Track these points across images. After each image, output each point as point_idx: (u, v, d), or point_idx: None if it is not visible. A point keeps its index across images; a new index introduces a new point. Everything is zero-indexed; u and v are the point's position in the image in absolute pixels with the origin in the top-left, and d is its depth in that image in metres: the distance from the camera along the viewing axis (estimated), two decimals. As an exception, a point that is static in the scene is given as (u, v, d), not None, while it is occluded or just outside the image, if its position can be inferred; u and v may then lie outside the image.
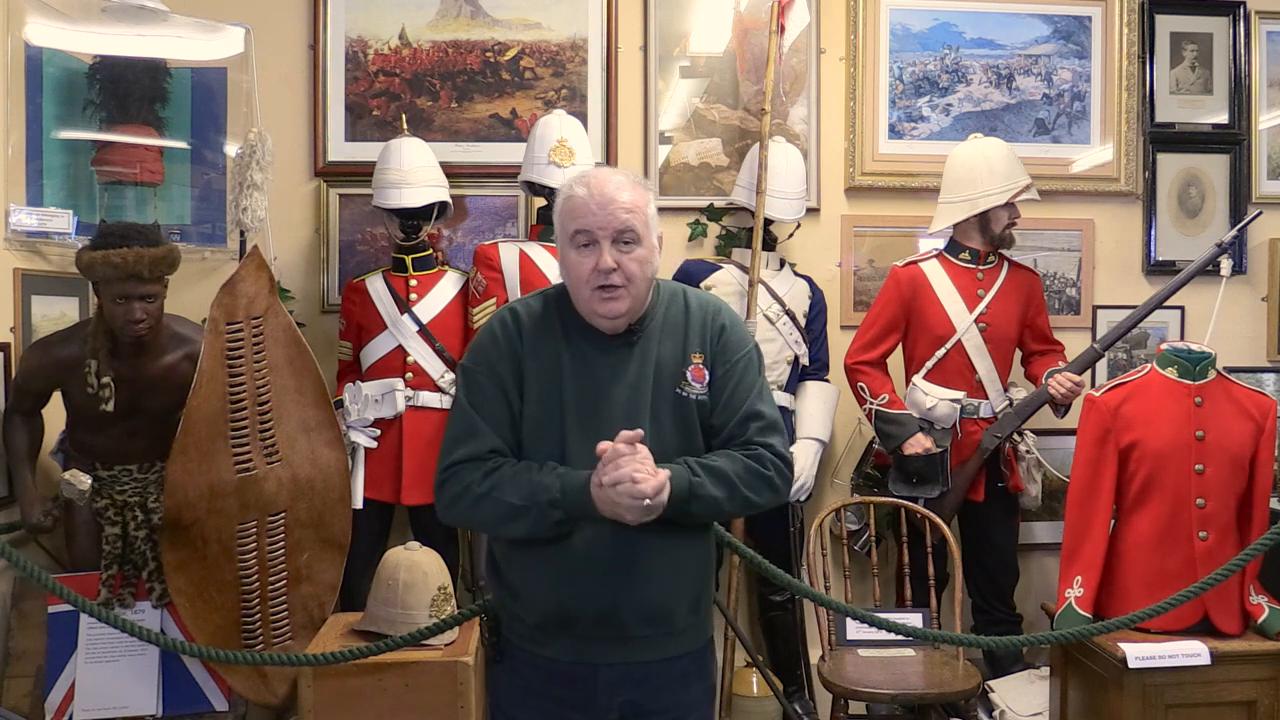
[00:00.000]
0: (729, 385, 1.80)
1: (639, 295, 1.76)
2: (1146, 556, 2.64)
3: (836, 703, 2.84)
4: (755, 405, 1.80)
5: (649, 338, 1.80)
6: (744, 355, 1.83)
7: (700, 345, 1.81)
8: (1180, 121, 3.86)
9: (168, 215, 3.35)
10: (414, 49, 3.59)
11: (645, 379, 1.78)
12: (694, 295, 1.88)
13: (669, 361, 1.79)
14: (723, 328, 1.83)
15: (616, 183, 1.75)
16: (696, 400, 1.79)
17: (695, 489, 1.70)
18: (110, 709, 2.81)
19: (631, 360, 1.79)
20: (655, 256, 1.78)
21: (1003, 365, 3.33)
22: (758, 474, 1.76)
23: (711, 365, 1.81)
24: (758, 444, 1.78)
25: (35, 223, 2.98)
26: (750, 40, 3.68)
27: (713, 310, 1.85)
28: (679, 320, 1.83)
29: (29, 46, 3.05)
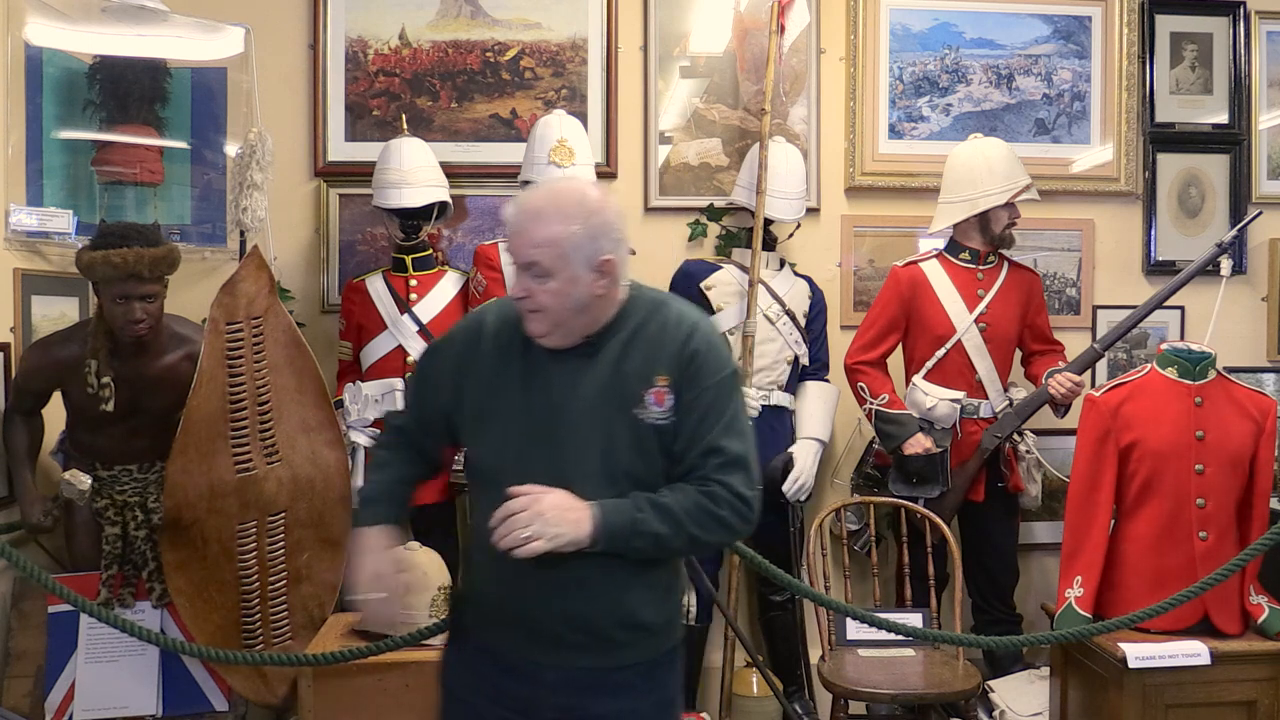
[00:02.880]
0: (695, 413, 1.70)
1: (564, 321, 1.69)
2: (1146, 556, 2.64)
3: (836, 703, 2.84)
4: (719, 440, 1.71)
5: (611, 351, 1.73)
6: (716, 383, 1.72)
7: (668, 367, 1.71)
8: (1180, 121, 3.86)
9: (168, 215, 3.35)
10: (414, 49, 3.59)
11: (602, 394, 1.71)
12: (675, 312, 1.79)
13: (631, 379, 1.71)
14: (696, 352, 1.72)
15: (538, 212, 1.68)
16: (656, 425, 1.70)
17: (638, 525, 1.65)
18: (110, 709, 2.81)
19: (589, 373, 1.72)
20: (575, 286, 1.67)
21: (1003, 365, 3.33)
22: (709, 513, 1.69)
23: (680, 390, 1.70)
24: (715, 481, 1.70)
25: (35, 223, 2.98)
26: (750, 40, 3.68)
27: (688, 331, 1.75)
28: (650, 338, 1.74)
29: (29, 46, 3.05)
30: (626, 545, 1.66)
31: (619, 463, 1.70)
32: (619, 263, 1.72)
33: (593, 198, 1.72)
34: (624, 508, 1.66)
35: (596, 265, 1.68)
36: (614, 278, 1.72)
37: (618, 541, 1.65)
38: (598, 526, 1.63)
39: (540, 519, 1.60)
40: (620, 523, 1.65)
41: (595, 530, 1.63)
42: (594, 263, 1.68)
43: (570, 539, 1.62)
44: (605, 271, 1.69)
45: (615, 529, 1.64)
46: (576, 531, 1.62)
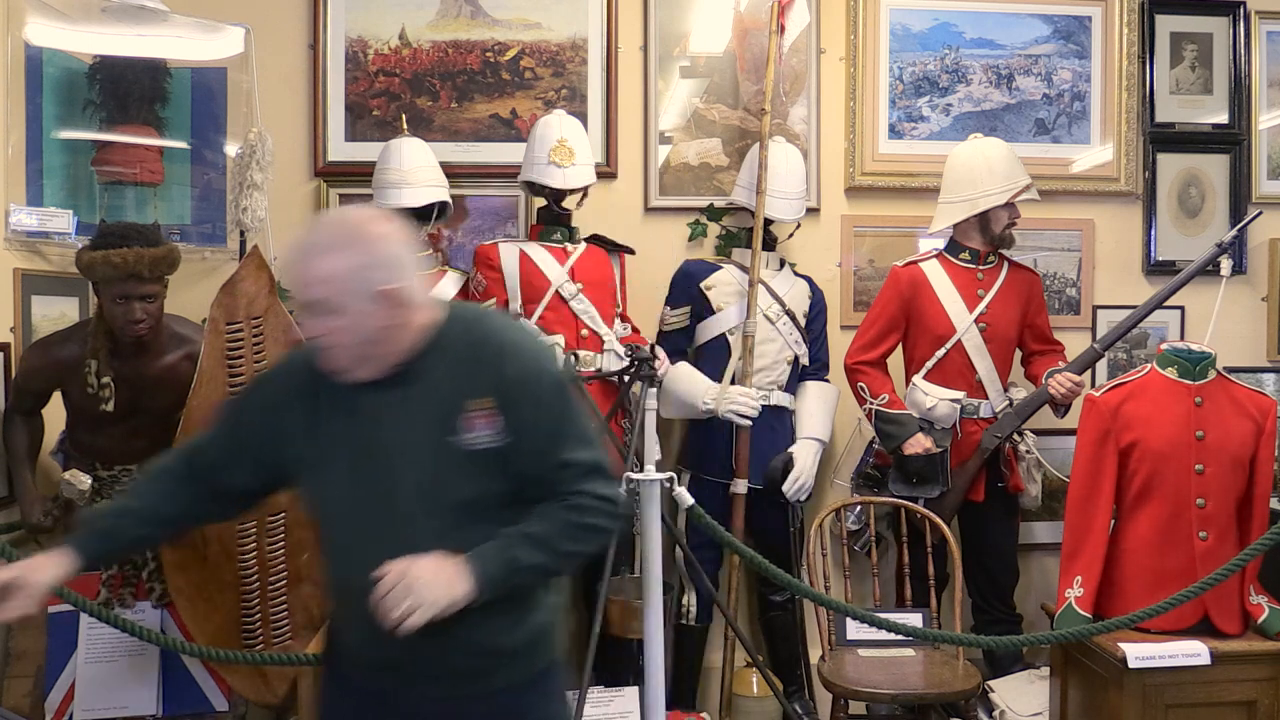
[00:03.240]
0: (534, 433, 1.67)
1: (361, 355, 1.65)
2: (1146, 556, 2.65)
3: (836, 703, 2.84)
4: (567, 454, 1.68)
5: (429, 377, 1.68)
6: (546, 398, 1.69)
7: (485, 390, 1.66)
8: (1180, 121, 3.86)
9: (168, 215, 3.35)
10: (414, 49, 3.59)
11: (421, 422, 1.66)
12: (490, 332, 1.73)
13: (446, 405, 1.66)
14: (514, 373, 1.67)
15: (313, 248, 1.63)
16: (480, 449, 1.65)
17: (515, 564, 1.63)
18: (110, 709, 2.81)
19: (407, 402, 1.67)
20: (366, 320, 1.62)
21: (1003, 365, 3.33)
22: (579, 525, 1.67)
23: (504, 411, 1.66)
24: (575, 491, 1.67)
25: (35, 223, 2.98)
26: (750, 40, 3.68)
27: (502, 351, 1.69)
28: (467, 360, 1.69)
29: (29, 46, 3.05)
30: (510, 585, 1.65)
31: (448, 491, 1.66)
32: (406, 290, 1.65)
33: (368, 228, 1.65)
34: (497, 551, 1.63)
35: (380, 296, 1.62)
36: (404, 306, 1.65)
37: (500, 586, 1.63)
38: (476, 579, 1.60)
39: (414, 591, 1.57)
40: (497, 568, 1.62)
41: (474, 584, 1.60)
42: (379, 295, 1.62)
43: (450, 601, 1.58)
44: (392, 301, 1.63)
45: (493, 576, 1.62)
46: (453, 593, 1.59)
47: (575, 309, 3.18)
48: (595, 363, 3.16)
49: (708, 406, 3.22)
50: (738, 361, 3.27)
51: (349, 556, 1.73)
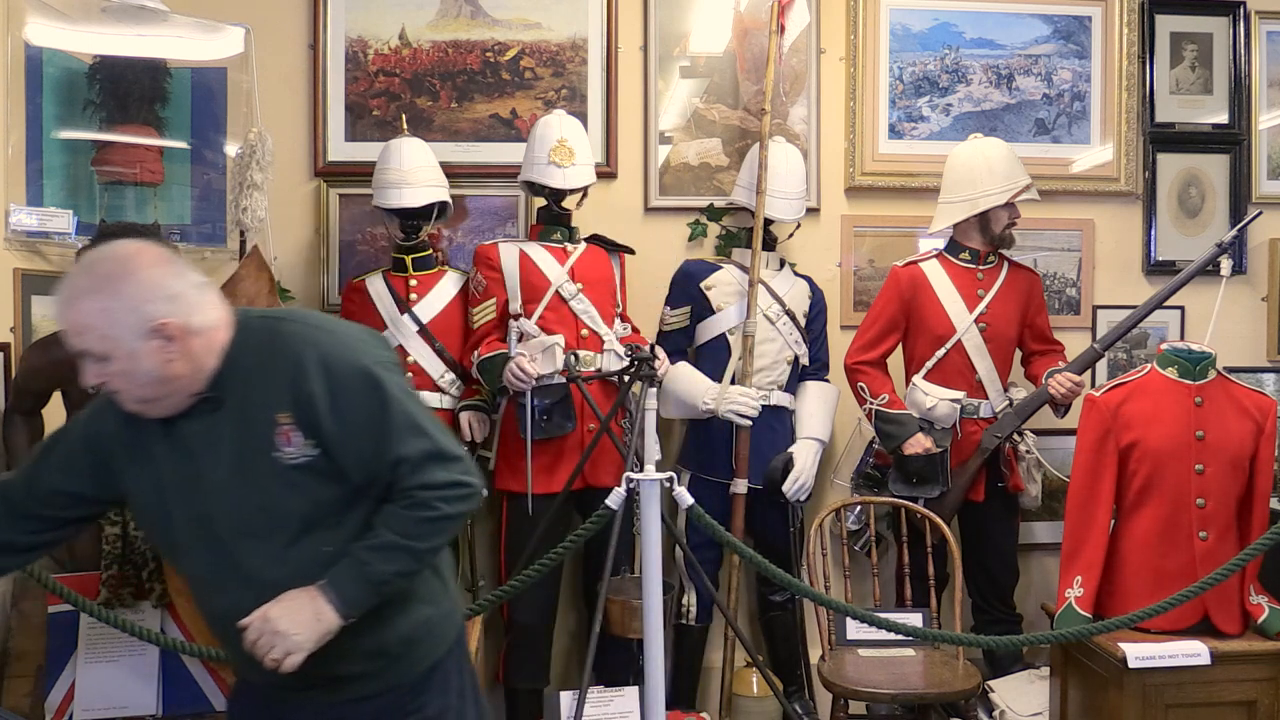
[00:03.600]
0: (356, 438, 1.62)
1: (152, 395, 1.61)
2: (1146, 556, 2.65)
3: (836, 703, 2.84)
4: (394, 451, 1.62)
5: (234, 396, 1.63)
6: (352, 405, 1.62)
7: (286, 404, 1.61)
8: (1180, 121, 3.86)
9: (168, 215, 3.35)
10: (414, 49, 3.59)
11: (232, 447, 1.63)
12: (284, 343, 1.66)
13: (256, 424, 1.62)
14: (312, 393, 1.60)
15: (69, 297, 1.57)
16: (300, 464, 1.61)
17: (373, 578, 1.61)
18: (110, 709, 2.81)
19: (215, 428, 1.64)
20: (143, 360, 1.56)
21: (1003, 365, 3.33)
22: (426, 520, 1.64)
23: (315, 424, 1.61)
24: (413, 487, 1.63)
25: (35, 223, 2.97)
26: (750, 40, 3.68)
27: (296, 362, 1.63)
28: (264, 375, 1.64)
29: (29, 46, 3.05)
30: (377, 599, 1.64)
31: (277, 509, 1.63)
32: (181, 319, 1.59)
33: (126, 266, 1.58)
34: (352, 569, 1.61)
35: (153, 333, 1.56)
36: (182, 337, 1.59)
37: (366, 602, 1.62)
38: (338, 604, 1.60)
39: (278, 636, 1.57)
40: (357, 587, 1.61)
41: (338, 609, 1.60)
42: (148, 332, 1.56)
43: (321, 634, 1.59)
44: (169, 334, 1.57)
45: (355, 595, 1.61)
46: (320, 625, 1.58)
47: (575, 309, 3.18)
48: (595, 363, 3.16)
49: (708, 406, 3.22)
50: (738, 361, 3.27)
51: (200, 588, 1.73)
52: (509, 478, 3.16)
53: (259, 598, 1.62)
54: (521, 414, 3.05)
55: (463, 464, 1.70)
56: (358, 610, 1.62)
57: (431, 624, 1.79)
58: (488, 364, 3.11)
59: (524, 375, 2.98)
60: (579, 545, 2.45)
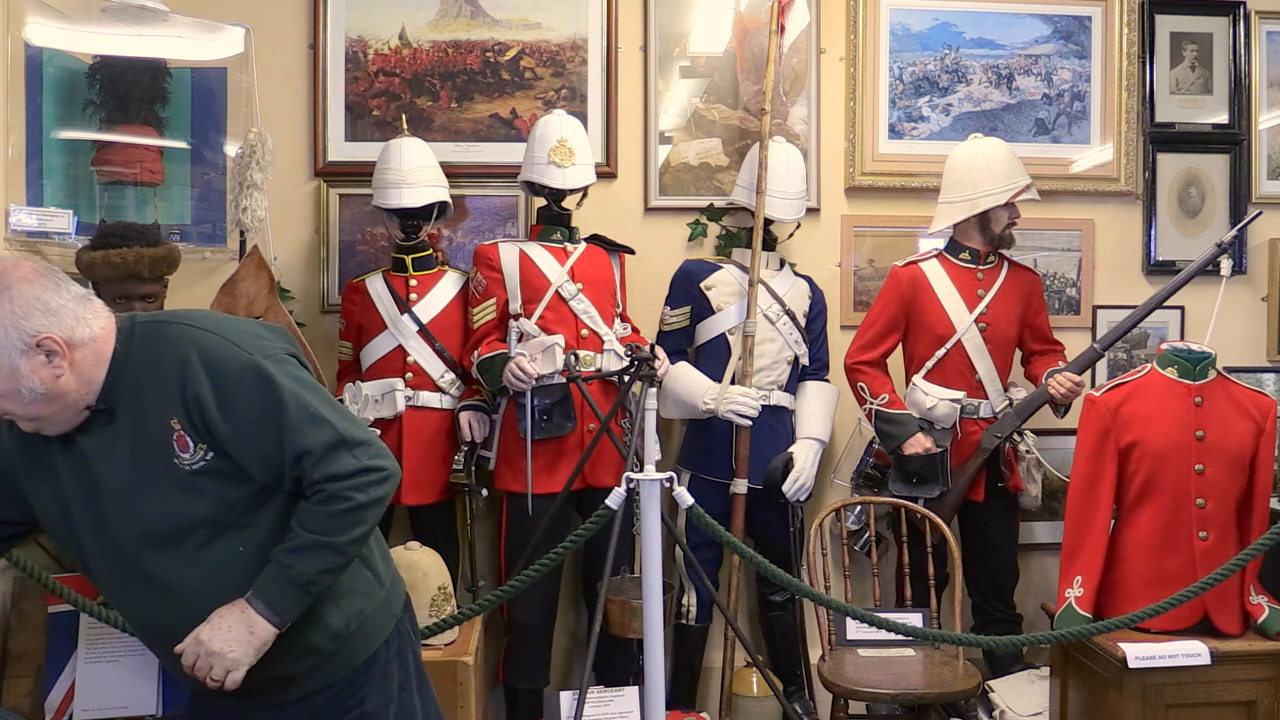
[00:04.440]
0: (253, 437, 1.59)
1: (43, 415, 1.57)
2: (1146, 556, 2.65)
3: (836, 703, 2.84)
4: (295, 445, 1.58)
5: (126, 406, 1.61)
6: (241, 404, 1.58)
7: (178, 409, 1.58)
8: (1180, 121, 3.86)
9: (168, 215, 3.35)
10: (414, 49, 3.59)
11: (134, 456, 1.60)
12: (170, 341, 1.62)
13: (153, 431, 1.59)
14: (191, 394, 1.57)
15: None
16: (202, 468, 1.59)
17: (297, 579, 1.59)
18: (110, 709, 2.80)
19: (115, 439, 1.61)
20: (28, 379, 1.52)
21: (1003, 365, 3.33)
22: (340, 512, 1.60)
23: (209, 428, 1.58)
24: (322, 480, 1.59)
25: (35, 223, 2.97)
26: (750, 40, 3.68)
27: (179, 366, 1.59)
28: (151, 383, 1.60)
29: (29, 46, 3.04)
30: (308, 599, 1.62)
31: (186, 517, 1.61)
32: (64, 333, 1.55)
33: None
34: (276, 576, 1.60)
35: (34, 348, 1.53)
36: (65, 350, 1.55)
37: (297, 607, 1.61)
38: (270, 613, 1.59)
39: (214, 656, 1.56)
40: (284, 593, 1.59)
41: (270, 617, 1.59)
42: (29, 348, 1.52)
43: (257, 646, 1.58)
44: (51, 349, 1.54)
45: (285, 602, 1.60)
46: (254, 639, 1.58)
47: (575, 309, 3.18)
48: (595, 363, 3.16)
49: (708, 406, 3.22)
50: (738, 361, 3.27)
51: (115, 598, 1.71)
52: (509, 478, 3.16)
53: (174, 604, 1.61)
54: (521, 414, 3.05)
55: (371, 447, 1.65)
56: (290, 616, 1.61)
57: (364, 617, 1.76)
58: (488, 364, 3.11)
59: (524, 375, 2.98)
60: (579, 545, 2.45)
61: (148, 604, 1.65)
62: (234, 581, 1.61)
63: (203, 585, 1.61)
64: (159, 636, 1.66)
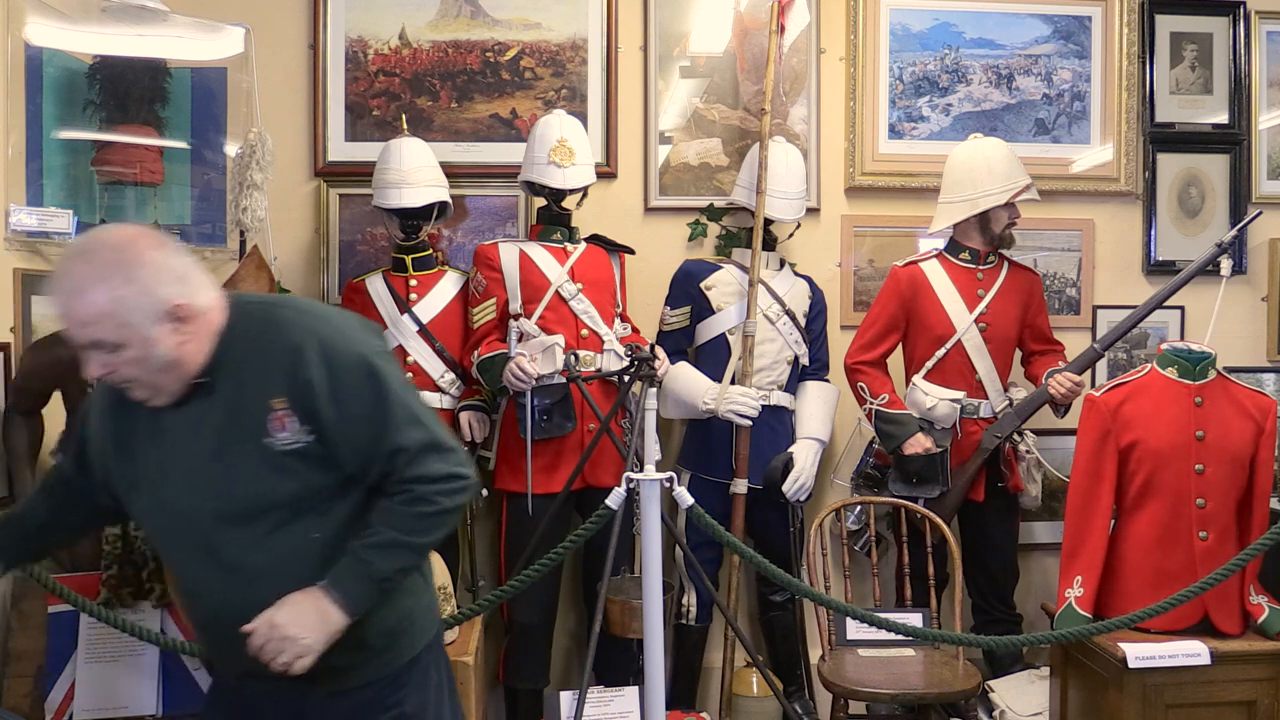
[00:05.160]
0: (353, 426, 1.62)
1: (159, 384, 1.60)
2: (1146, 556, 2.64)
3: (836, 703, 2.84)
4: (391, 440, 1.63)
5: (225, 382, 1.62)
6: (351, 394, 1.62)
7: (283, 389, 1.60)
8: (1180, 121, 3.86)
9: (168, 215, 3.35)
10: (414, 49, 3.59)
11: (224, 431, 1.62)
12: (282, 325, 1.65)
13: (250, 408, 1.61)
14: (310, 380, 1.60)
15: (76, 287, 1.53)
16: (293, 449, 1.60)
17: (375, 575, 1.62)
18: (110, 709, 2.81)
19: (208, 413, 1.62)
20: (157, 347, 1.55)
21: (1003, 365, 3.33)
22: (425, 515, 1.64)
23: (313, 411, 1.60)
24: (411, 479, 1.64)
25: (35, 223, 2.97)
26: (750, 40, 3.68)
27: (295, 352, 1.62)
28: (260, 360, 1.63)
29: (29, 46, 3.04)
30: (380, 594, 1.64)
31: (266, 496, 1.62)
32: (192, 300, 1.59)
33: (135, 247, 1.56)
34: (354, 568, 1.62)
35: (166, 315, 1.56)
36: (194, 317, 1.59)
37: (369, 601, 1.63)
38: (344, 603, 1.60)
39: (287, 641, 1.57)
40: (361, 585, 1.62)
41: (344, 608, 1.60)
42: (161, 315, 1.55)
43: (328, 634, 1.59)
44: (182, 317, 1.57)
45: (360, 593, 1.61)
46: (327, 626, 1.59)
47: (575, 309, 3.18)
48: (595, 363, 3.16)
49: (708, 406, 3.22)
50: (738, 361, 3.27)
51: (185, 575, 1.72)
52: (509, 478, 3.16)
53: (240, 583, 1.62)
54: (521, 414, 3.05)
55: (458, 455, 1.70)
56: (362, 609, 1.62)
57: (413, 617, 1.79)
58: (488, 364, 3.11)
59: (524, 375, 2.98)
60: (579, 545, 2.45)
61: (213, 581, 1.66)
62: (302, 567, 1.63)
63: (271, 567, 1.63)
64: (217, 613, 1.67)
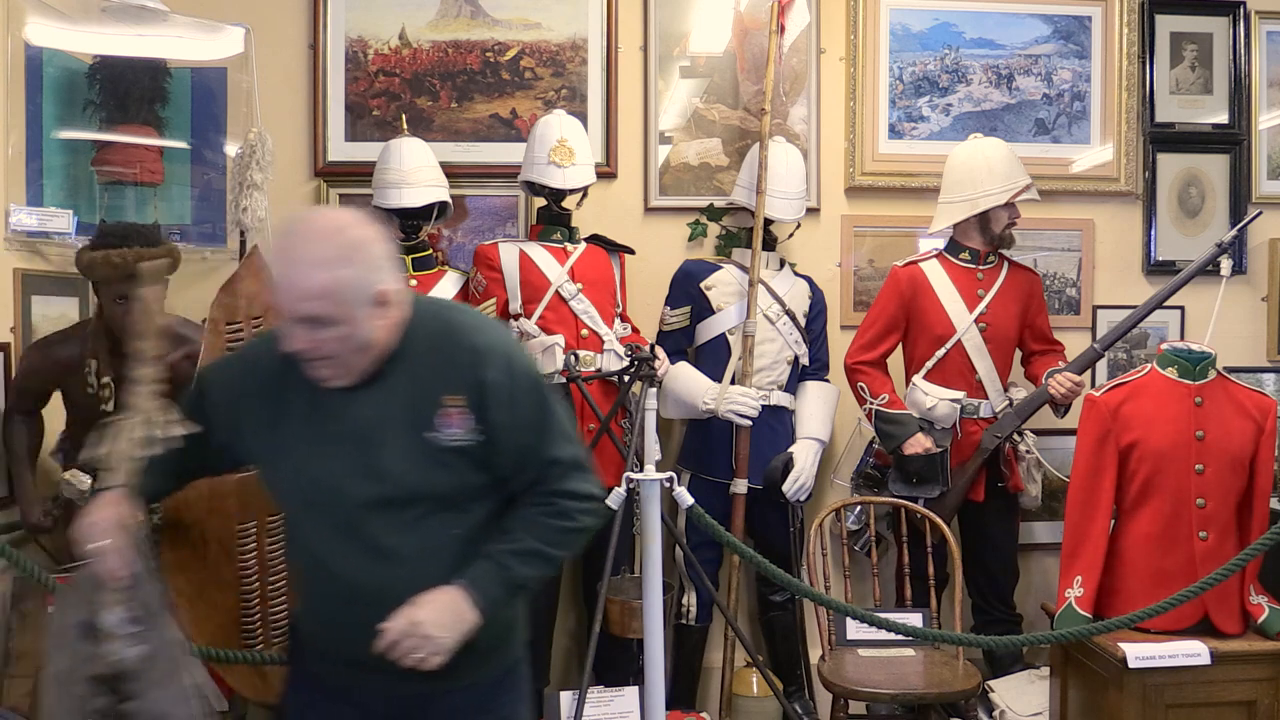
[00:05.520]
0: (513, 433, 1.67)
1: (352, 364, 1.64)
2: (1146, 556, 2.65)
3: (836, 703, 2.84)
4: (551, 451, 1.70)
5: (396, 373, 1.68)
6: (526, 399, 1.69)
7: (459, 387, 1.66)
8: (1180, 121, 3.86)
9: (168, 215, 3.35)
10: (414, 49, 3.59)
11: (384, 418, 1.66)
12: (464, 328, 1.72)
13: (420, 401, 1.66)
14: (486, 381, 1.66)
15: (303, 261, 1.58)
16: (460, 445, 1.65)
17: (511, 581, 1.66)
18: (110, 709, 2.81)
19: (370, 399, 1.67)
20: (364, 326, 1.61)
21: (1003, 365, 3.33)
22: (565, 530, 1.70)
23: (482, 411, 1.66)
24: (557, 492, 1.70)
25: (35, 223, 2.98)
26: (750, 40, 3.68)
27: (479, 352, 1.68)
28: (434, 359, 1.68)
29: (29, 46, 3.05)
30: (511, 600, 1.68)
31: (417, 486, 1.66)
32: (393, 288, 1.65)
33: (355, 231, 1.63)
34: (493, 572, 1.65)
35: (376, 299, 1.62)
36: (393, 305, 1.65)
37: (502, 605, 1.66)
38: (480, 606, 1.62)
39: (427, 640, 1.59)
40: (498, 589, 1.65)
41: (479, 611, 1.62)
42: (372, 298, 1.61)
43: (461, 634, 1.61)
44: (385, 302, 1.63)
45: (496, 598, 1.64)
46: (462, 625, 1.61)
47: (575, 309, 3.18)
48: (595, 363, 3.16)
49: (708, 406, 3.22)
50: (738, 361, 3.27)
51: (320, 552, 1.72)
52: (509, 478, 3.15)
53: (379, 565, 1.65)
54: (521, 414, 3.05)
55: (596, 480, 1.77)
56: (494, 612, 1.65)
57: (514, 626, 1.83)
58: (488, 364, 3.10)
59: (524, 375, 2.97)
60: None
61: (352, 560, 1.67)
62: (438, 560, 1.66)
63: (413, 555, 1.65)
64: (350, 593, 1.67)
